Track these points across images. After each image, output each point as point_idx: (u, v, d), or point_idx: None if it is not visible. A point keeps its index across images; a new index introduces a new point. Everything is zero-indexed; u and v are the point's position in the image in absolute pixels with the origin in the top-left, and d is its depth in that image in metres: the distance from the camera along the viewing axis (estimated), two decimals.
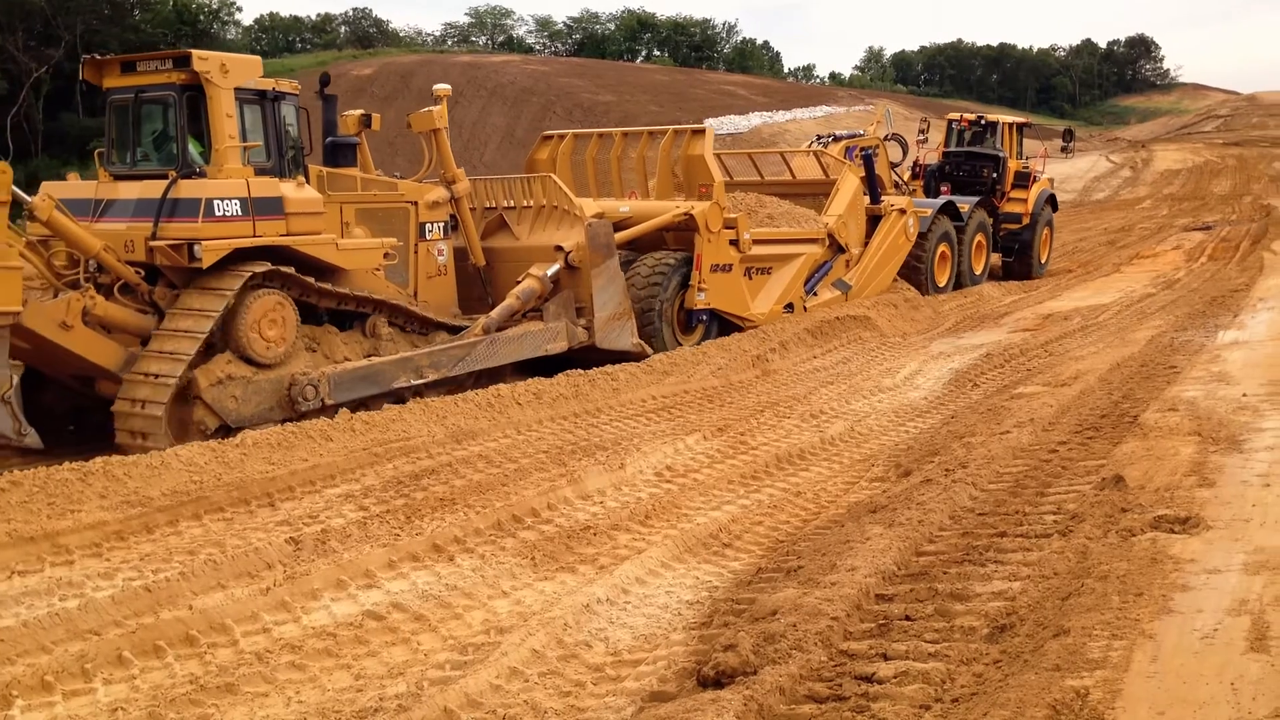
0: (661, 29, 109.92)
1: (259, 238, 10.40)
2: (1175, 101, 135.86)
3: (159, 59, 10.75)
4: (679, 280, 14.05)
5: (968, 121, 23.52)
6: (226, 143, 10.40)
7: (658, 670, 5.35)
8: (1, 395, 9.04)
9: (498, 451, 9.47)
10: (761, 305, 15.21)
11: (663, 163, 15.74)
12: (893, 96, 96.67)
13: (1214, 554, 5.64)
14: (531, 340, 12.48)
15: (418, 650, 5.74)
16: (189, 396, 9.83)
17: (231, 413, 9.98)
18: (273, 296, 10.36)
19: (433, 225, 12.68)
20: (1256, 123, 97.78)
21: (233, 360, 10.12)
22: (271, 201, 10.56)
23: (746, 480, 8.81)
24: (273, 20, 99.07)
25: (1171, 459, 7.54)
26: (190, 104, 10.50)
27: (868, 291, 17.36)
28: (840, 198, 17.11)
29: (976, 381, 12.22)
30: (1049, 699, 4.16)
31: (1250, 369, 10.77)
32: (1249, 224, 31.01)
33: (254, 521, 7.81)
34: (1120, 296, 18.92)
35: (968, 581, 5.90)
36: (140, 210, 10.31)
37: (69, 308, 9.55)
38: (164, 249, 10.01)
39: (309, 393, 10.37)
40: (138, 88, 10.79)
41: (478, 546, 7.25)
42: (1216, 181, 49.25)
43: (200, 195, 10.11)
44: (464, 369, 11.85)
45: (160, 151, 10.92)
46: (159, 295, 10.35)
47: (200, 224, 10.03)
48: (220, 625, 5.96)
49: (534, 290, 12.70)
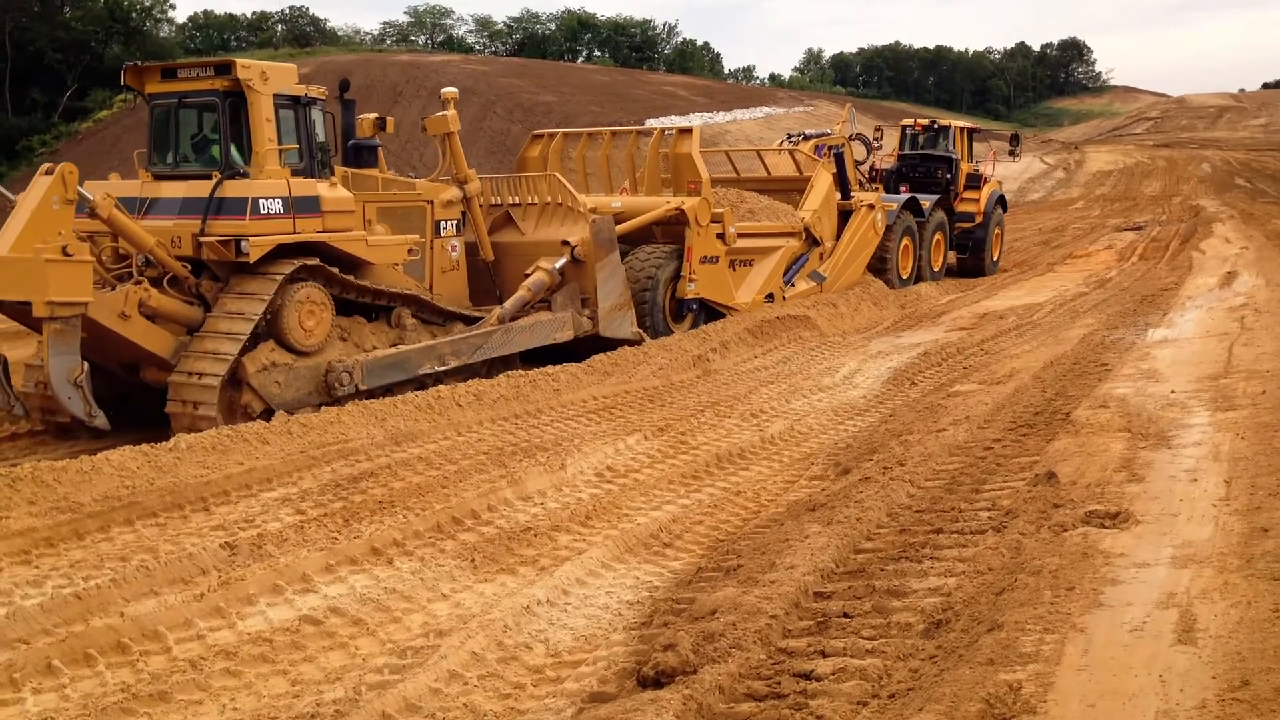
0: (602, 29, 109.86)
1: (298, 234, 11.08)
2: (1107, 104, 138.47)
3: (200, 66, 11.42)
4: (671, 271, 14.86)
5: (921, 126, 24.71)
6: (266, 146, 11.03)
7: (598, 671, 5.35)
8: (73, 379, 9.63)
9: (437, 453, 9.41)
10: (745, 295, 16.12)
11: (651, 160, 16.40)
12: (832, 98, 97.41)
13: (1143, 548, 5.76)
14: (542, 329, 13.27)
15: (355, 655, 5.69)
16: (237, 381, 10.44)
17: (275, 397, 10.62)
18: (312, 289, 11.07)
19: (447, 223, 13.46)
20: (1186, 125, 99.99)
21: (275, 348, 10.79)
22: (310, 201, 11.24)
23: (687, 480, 8.84)
24: (207, 18, 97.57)
25: (1102, 455, 7.68)
26: (232, 109, 11.13)
27: (840, 283, 18.30)
28: (815, 194, 18.07)
29: (914, 380, 12.36)
30: (983, 693, 4.21)
31: (1178, 366, 11.00)
32: (1178, 224, 31.70)
33: (188, 526, 7.69)
34: (1054, 296, 19.24)
35: (905, 578, 5.97)
36: (186, 208, 10.87)
37: (127, 299, 10.14)
38: (213, 244, 10.62)
39: (344, 379, 11.05)
40: (180, 93, 11.43)
41: (417, 549, 7.20)
42: (1147, 182, 50.29)
43: (247, 195, 10.73)
44: (481, 356, 12.58)
45: (201, 153, 11.58)
46: (205, 288, 10.95)
47: (247, 221, 10.66)
48: (153, 632, 5.85)
49: (544, 282, 13.45)
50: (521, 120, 49.18)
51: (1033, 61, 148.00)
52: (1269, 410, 8.60)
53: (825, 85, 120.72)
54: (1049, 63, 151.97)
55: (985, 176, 24.02)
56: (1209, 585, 5.16)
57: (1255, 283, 17.66)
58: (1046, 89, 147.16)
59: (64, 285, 9.45)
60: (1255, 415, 8.51)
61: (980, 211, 23.27)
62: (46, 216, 9.63)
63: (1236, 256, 22.24)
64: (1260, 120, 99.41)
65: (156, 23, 75.06)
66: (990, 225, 23.55)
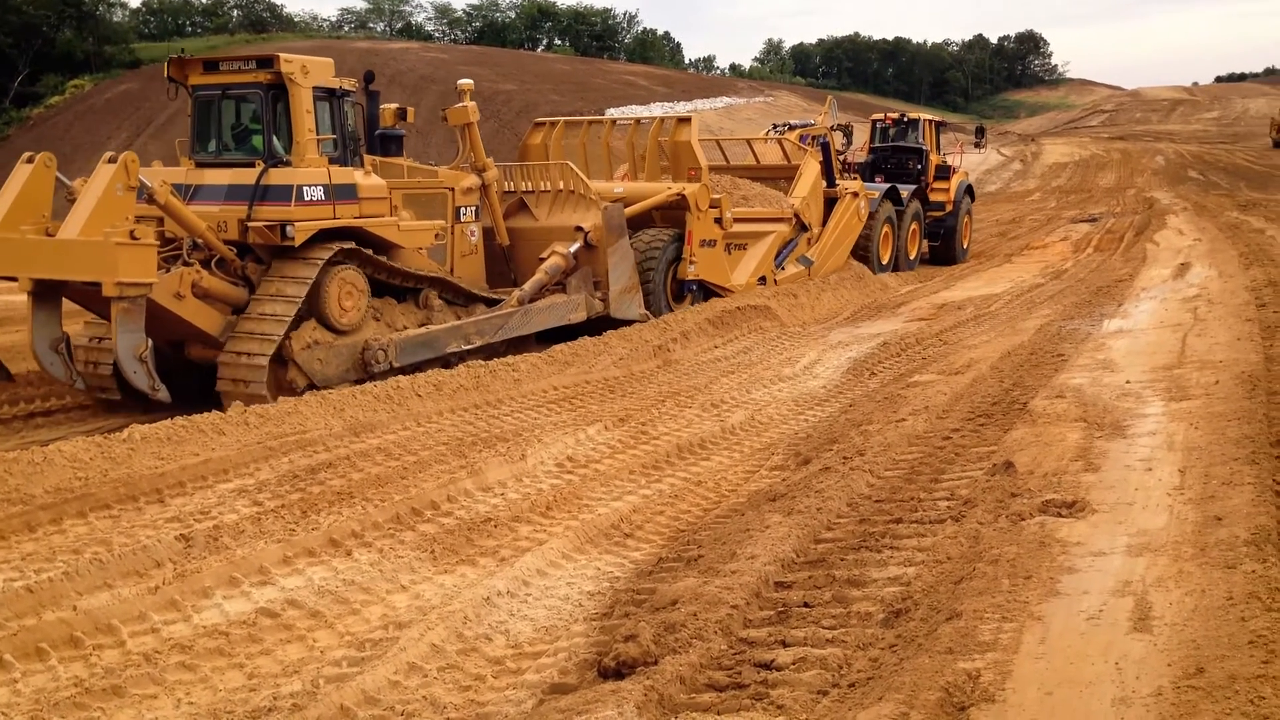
0: (562, 18, 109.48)
1: (338, 220, 11.74)
2: (1063, 96, 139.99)
3: (243, 60, 12.11)
4: (673, 254, 15.66)
5: (891, 120, 25.74)
6: (306, 136, 11.65)
7: (558, 662, 5.34)
8: (139, 355, 10.19)
9: (397, 444, 9.34)
10: (739, 277, 16.92)
11: (651, 148, 17.20)
12: (792, 89, 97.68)
13: (1099, 537, 5.82)
14: (557, 310, 14.04)
15: (314, 647, 5.64)
16: (282, 359, 11.07)
17: (317, 373, 11.30)
18: (350, 271, 11.76)
19: (466, 209, 14.12)
20: (1140, 117, 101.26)
21: (317, 327, 11.47)
22: (348, 188, 11.92)
23: (648, 470, 8.83)
24: (161, 3, 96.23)
25: (1059, 445, 7.75)
26: (274, 101, 11.73)
27: (827, 267, 19.19)
28: (803, 181, 18.94)
29: (874, 370, 12.42)
30: (942, 681, 4.24)
31: (1133, 357, 11.12)
32: (1133, 216, 32.05)
33: (142, 519, 7.58)
34: (1011, 286, 19.40)
35: (864, 568, 6.00)
36: (232, 195, 11.47)
37: (182, 280, 10.69)
38: (260, 229, 11.23)
39: (380, 356, 11.71)
40: (224, 85, 12.06)
41: (376, 540, 7.15)
42: (1102, 175, 50.83)
43: (291, 182, 11.39)
44: (503, 335, 13.28)
45: (242, 142, 12.19)
46: (250, 270, 11.54)
47: (292, 207, 11.32)
48: (106, 626, 5.77)
49: (559, 266, 14.18)
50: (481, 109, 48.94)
51: (990, 54, 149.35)
52: (1222, 400, 8.71)
53: (785, 76, 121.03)
54: (1006, 55, 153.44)
55: (953, 167, 24.95)
56: (1164, 573, 5.22)
57: (1208, 274, 17.89)
58: (1004, 81, 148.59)
59: (132, 267, 9.96)
60: (1208, 405, 8.61)
61: (950, 201, 24.20)
62: (111, 202, 10.14)
63: (1190, 248, 22.52)
64: (1213, 113, 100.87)
65: (110, 7, 74.06)
66: (960, 214, 24.48)
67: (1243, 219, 27.79)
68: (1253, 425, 7.73)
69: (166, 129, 56.87)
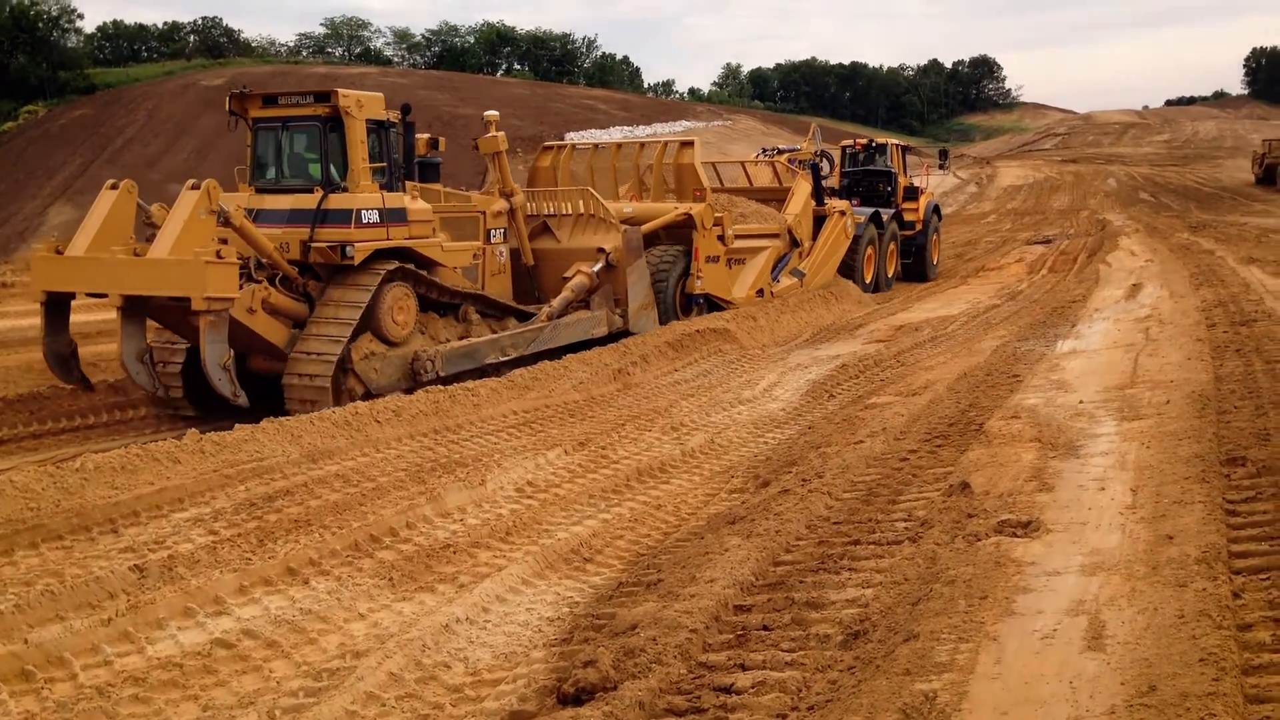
0: (521, 43, 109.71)
1: (390, 241, 12.70)
2: (1017, 120, 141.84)
3: (300, 94, 12.98)
4: (681, 270, 16.73)
5: (861, 145, 26.89)
6: (360, 164, 12.58)
7: (518, 689, 5.31)
8: (223, 364, 10.98)
9: (355, 470, 9.28)
10: (740, 290, 17.97)
11: (656, 170, 18.45)
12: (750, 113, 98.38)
13: (1053, 556, 5.88)
14: (582, 325, 15.07)
15: (270, 678, 5.58)
16: (342, 368, 11.83)
17: (373, 382, 12.13)
18: (402, 288, 12.70)
19: (496, 231, 15.15)
20: (1092, 141, 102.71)
21: (373, 339, 12.35)
22: (399, 211, 12.89)
23: (608, 494, 8.82)
24: (117, 28, 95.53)
25: (1014, 465, 7.83)
26: (331, 132, 12.65)
27: (817, 280, 20.37)
28: (796, 200, 20.34)
29: (832, 392, 12.49)
30: (899, 703, 4.27)
31: (1087, 377, 11.26)
32: (1086, 237, 32.49)
33: (95, 549, 7.48)
34: (967, 308, 19.59)
35: (823, 589, 6.02)
36: (293, 218, 12.36)
37: (253, 296, 11.55)
38: (322, 249, 12.20)
39: (428, 366, 12.58)
40: (283, 118, 13.00)
41: (334, 568, 7.09)
42: (1056, 197, 51.48)
43: (350, 206, 12.33)
44: (535, 348, 14.17)
45: (300, 171, 13.12)
46: (311, 287, 12.44)
47: (352, 230, 12.26)
48: (58, 659, 5.68)
49: (584, 285, 15.29)
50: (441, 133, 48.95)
51: (945, 78, 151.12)
52: (1173, 419, 8.84)
53: (744, 100, 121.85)
54: (961, 79, 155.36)
55: (921, 188, 26.20)
56: (1117, 592, 5.29)
57: (1159, 294, 18.16)
58: (959, 105, 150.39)
59: (219, 283, 10.78)
60: (1160, 424, 8.74)
61: (920, 220, 25.38)
62: (196, 225, 11.03)
63: (1141, 269, 22.85)
64: (1163, 136, 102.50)
65: (64, 32, 73.43)
66: (929, 232, 25.67)
67: (1193, 240, 28.25)
68: (1203, 444, 7.85)
69: (122, 153, 56.40)
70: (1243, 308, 15.26)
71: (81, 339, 13.09)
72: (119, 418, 12.27)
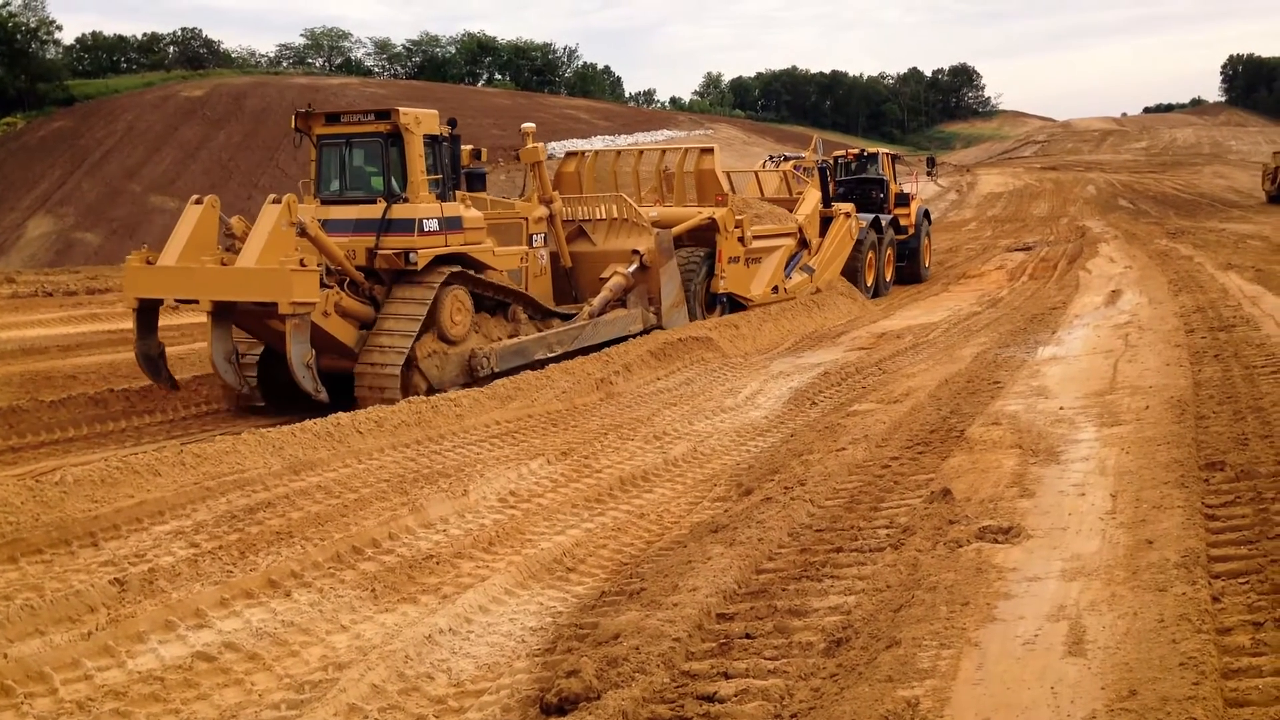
0: (502, 53, 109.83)
1: (448, 247, 13.69)
2: (996, 128, 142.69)
3: (362, 113, 13.96)
4: (706, 270, 17.93)
5: (853, 155, 28.54)
6: (419, 176, 13.52)
7: (501, 700, 5.30)
8: (307, 362, 11.92)
9: (337, 481, 9.24)
10: (757, 288, 19.13)
11: (678, 175, 19.72)
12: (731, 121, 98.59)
13: (1034, 562, 5.91)
14: (620, 323, 16.11)
15: (251, 691, 5.55)
16: (409, 365, 12.79)
17: (435, 378, 13.16)
18: (460, 290, 13.67)
19: (537, 235, 16.16)
20: (1071, 148, 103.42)
21: (434, 339, 13.30)
22: (455, 220, 13.90)
23: (591, 503, 8.82)
24: (96, 39, 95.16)
25: (995, 471, 7.87)
26: (392, 147, 13.52)
27: (825, 277, 21.60)
28: (806, 203, 21.59)
29: (815, 400, 12.51)
30: (882, 710, 4.28)
31: (1067, 383, 11.32)
32: (1066, 244, 32.69)
33: (75, 563, 7.42)
34: (949, 315, 19.67)
35: (805, 597, 6.03)
36: (360, 228, 13.34)
37: (327, 300, 12.45)
38: (388, 256, 13.19)
39: (484, 363, 13.58)
40: (347, 135, 13.95)
41: (315, 580, 7.06)
42: (1036, 204, 51.80)
43: (414, 216, 13.34)
44: (578, 345, 15.16)
45: (362, 183, 14.02)
46: (376, 291, 13.33)
47: (415, 237, 13.26)
48: (38, 674, 5.63)
49: (622, 285, 16.41)
50: None
51: (925, 86, 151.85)
52: (1152, 425, 8.90)
53: (725, 109, 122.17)
54: (940, 87, 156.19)
55: (911, 194, 27.63)
56: (1097, 597, 5.31)
57: (1139, 301, 18.27)
58: (939, 113, 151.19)
59: (303, 289, 11.74)
60: (1139, 430, 8.79)
61: (912, 225, 26.64)
62: (279, 236, 11.99)
63: (1121, 275, 22.99)
64: (1142, 143, 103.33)
65: (43, 44, 73.12)
66: (921, 236, 27.02)
67: (1172, 246, 28.44)
68: (1182, 449, 7.90)
69: (102, 165, 56.17)
70: (1221, 313, 15.37)
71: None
72: (99, 430, 12.22)
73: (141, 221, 47.48)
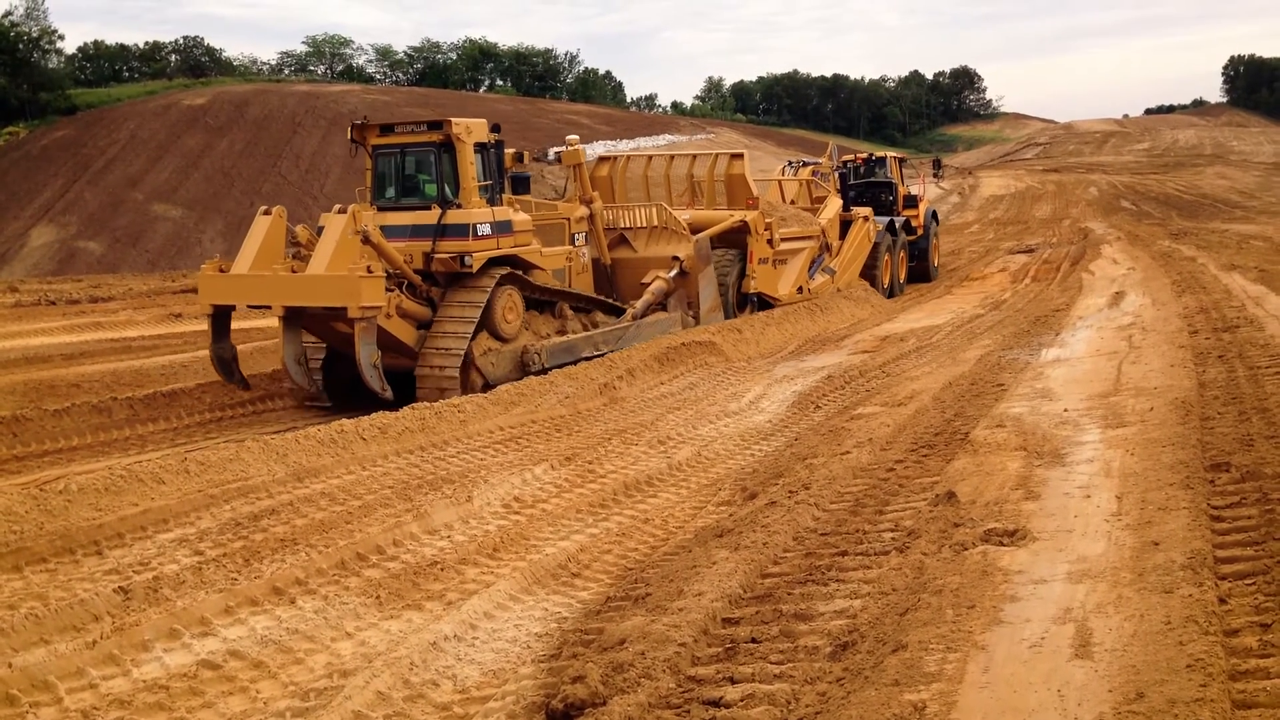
0: (504, 59, 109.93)
1: (500, 249, 14.38)
2: (998, 130, 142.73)
3: (415, 124, 14.80)
4: (738, 271, 18.79)
5: (862, 159, 29.45)
6: (471, 183, 14.18)
7: (506, 706, 5.29)
8: (374, 362, 12.56)
9: (341, 488, 9.24)
10: (784, 288, 20.02)
11: (709, 180, 20.34)
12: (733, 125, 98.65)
13: (1040, 565, 5.89)
14: (661, 325, 16.78)
15: (256, 699, 5.54)
16: (466, 362, 13.44)
17: (491, 374, 13.79)
18: (512, 290, 14.36)
19: (579, 235, 16.98)
20: (1073, 150, 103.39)
21: (489, 337, 13.99)
22: (506, 224, 14.61)
23: (595, 509, 8.81)
24: (98, 48, 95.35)
25: (1000, 474, 7.85)
26: (444, 155, 14.24)
27: (845, 277, 22.50)
28: (829, 207, 22.55)
29: (818, 403, 12.50)
30: (888, 714, 4.26)
31: (1071, 385, 11.30)
32: (1068, 246, 32.67)
33: (80, 571, 7.43)
34: (952, 318, 19.66)
35: (811, 601, 6.02)
36: (416, 233, 13.96)
37: (390, 303, 13.09)
38: (444, 259, 13.83)
39: (535, 359, 14.23)
40: (401, 145, 14.60)
41: (320, 587, 7.06)
42: (1038, 206, 51.77)
43: (468, 221, 13.98)
44: (622, 345, 15.70)
45: (416, 190, 14.66)
46: (433, 293, 13.97)
47: (470, 241, 13.90)
48: (43, 683, 5.63)
49: (663, 289, 17.12)
50: None
51: (926, 89, 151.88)
52: (1157, 426, 8.88)
53: (726, 113, 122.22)
54: (942, 90, 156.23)
55: (919, 196, 28.33)
56: (1103, 599, 5.29)
57: (1142, 302, 18.25)
58: (940, 116, 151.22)
59: (370, 293, 12.42)
60: (1144, 431, 8.77)
61: (921, 225, 27.59)
62: (346, 244, 12.70)
63: (1124, 277, 22.98)
64: (1143, 144, 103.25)
65: (45, 53, 73.25)
66: (929, 236, 27.99)
67: (1175, 247, 28.42)
68: (1187, 450, 7.88)
69: (104, 174, 56.21)
70: (1225, 314, 15.35)
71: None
72: (102, 439, 12.20)
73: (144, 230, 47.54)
